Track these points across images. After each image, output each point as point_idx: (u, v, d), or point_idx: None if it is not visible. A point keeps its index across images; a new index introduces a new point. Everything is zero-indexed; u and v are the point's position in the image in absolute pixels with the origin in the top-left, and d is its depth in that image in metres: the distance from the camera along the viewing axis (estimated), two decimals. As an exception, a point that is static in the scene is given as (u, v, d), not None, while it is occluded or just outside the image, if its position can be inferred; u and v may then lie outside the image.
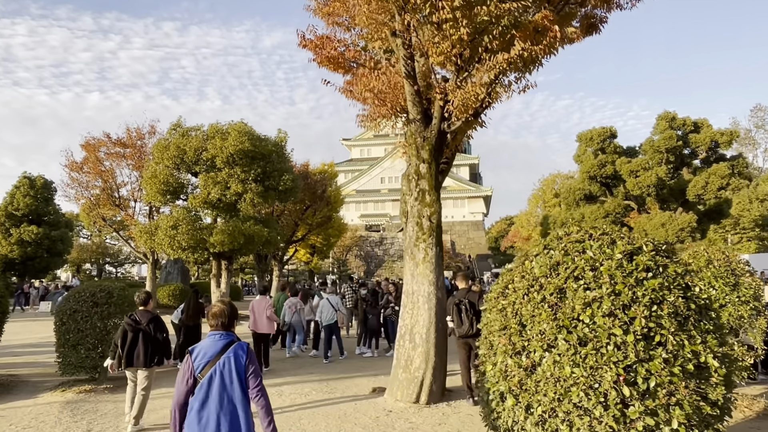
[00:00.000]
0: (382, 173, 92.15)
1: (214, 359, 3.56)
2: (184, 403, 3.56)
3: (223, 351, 3.60)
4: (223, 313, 3.77)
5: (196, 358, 3.61)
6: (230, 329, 3.79)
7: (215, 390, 3.50)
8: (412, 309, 7.87)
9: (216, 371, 3.53)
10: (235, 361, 3.58)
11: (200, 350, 3.65)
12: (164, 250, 23.34)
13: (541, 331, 3.73)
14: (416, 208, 7.95)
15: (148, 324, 7.03)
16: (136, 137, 27.13)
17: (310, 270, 43.29)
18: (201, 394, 3.50)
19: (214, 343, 3.66)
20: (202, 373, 3.54)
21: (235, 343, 3.69)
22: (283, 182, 23.61)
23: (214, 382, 3.51)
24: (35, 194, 42.04)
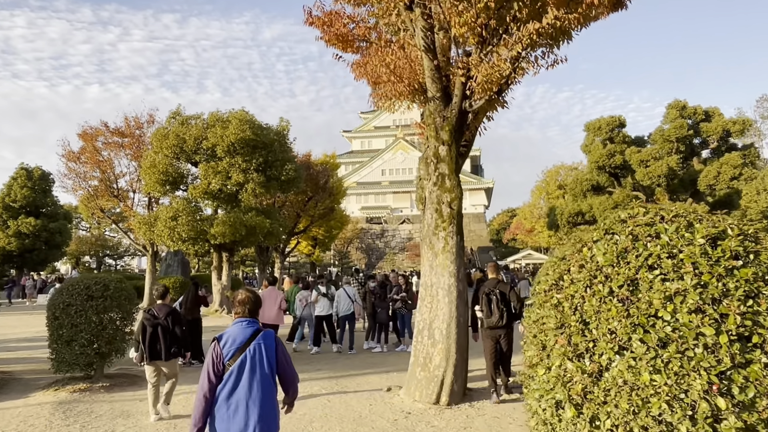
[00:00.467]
0: (382, 165, 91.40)
1: (243, 346, 3.50)
2: (211, 390, 3.45)
3: (253, 338, 3.54)
4: (250, 300, 3.71)
5: (225, 345, 3.52)
6: (255, 317, 3.72)
7: (245, 377, 3.43)
8: (431, 303, 7.30)
9: (246, 358, 3.46)
10: (266, 348, 3.54)
11: (228, 337, 3.56)
12: (164, 242, 22.77)
13: (611, 330, 3.14)
14: (435, 194, 7.36)
15: (165, 318, 7.00)
16: (135, 126, 26.46)
17: (311, 262, 42.76)
18: (231, 382, 3.42)
19: (243, 330, 3.58)
20: (232, 360, 3.46)
21: (262, 330, 3.63)
22: (285, 172, 23.01)
23: (245, 369, 3.44)
24: (33, 186, 41.42)
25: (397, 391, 7.87)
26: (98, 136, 26.37)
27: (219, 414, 3.40)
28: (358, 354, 12.04)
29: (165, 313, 7.05)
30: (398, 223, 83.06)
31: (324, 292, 12.21)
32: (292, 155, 24.44)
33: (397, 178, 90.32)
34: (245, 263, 54.46)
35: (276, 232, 24.44)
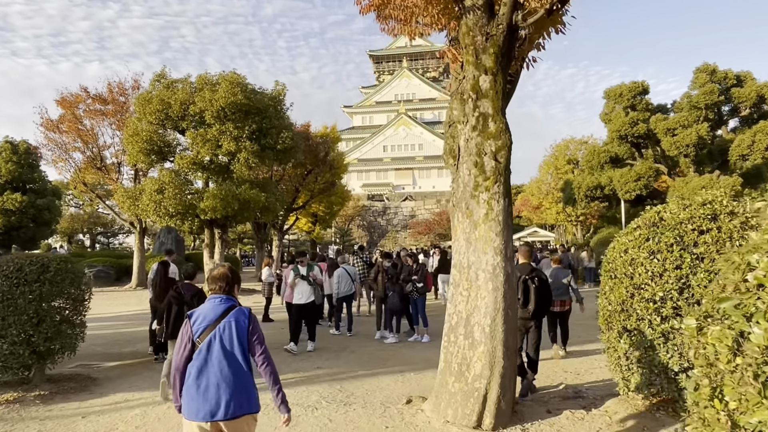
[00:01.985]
0: (384, 141, 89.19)
1: (213, 323, 3.30)
2: (183, 369, 3.29)
3: (224, 315, 3.33)
4: (224, 276, 3.47)
5: (195, 321, 3.34)
6: (231, 294, 3.48)
7: (215, 356, 3.23)
8: (468, 290, 5.39)
9: (215, 336, 3.27)
10: (237, 325, 3.31)
11: (199, 314, 3.37)
12: (149, 217, 20.85)
13: None
14: (474, 141, 5.38)
15: (191, 298, 6.88)
16: (118, 92, 24.34)
17: (312, 240, 40.93)
18: (199, 360, 3.24)
19: (215, 307, 3.38)
20: (201, 337, 3.28)
21: (236, 307, 3.41)
22: (281, 140, 20.96)
23: (213, 348, 3.25)
24: (18, 160, 39.25)
25: (420, 404, 6.02)
26: (79, 103, 24.28)
27: (189, 393, 3.22)
28: (366, 345, 10.22)
29: (192, 293, 6.98)
30: (400, 201, 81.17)
31: (303, 274, 9.57)
32: (289, 123, 22.35)
33: (399, 154, 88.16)
34: (243, 241, 52.68)
35: (273, 207, 22.49)
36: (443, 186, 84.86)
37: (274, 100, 21.32)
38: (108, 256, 34.55)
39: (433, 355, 8.99)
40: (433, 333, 10.76)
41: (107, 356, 9.67)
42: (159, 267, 9.67)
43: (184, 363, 3.29)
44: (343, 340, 10.78)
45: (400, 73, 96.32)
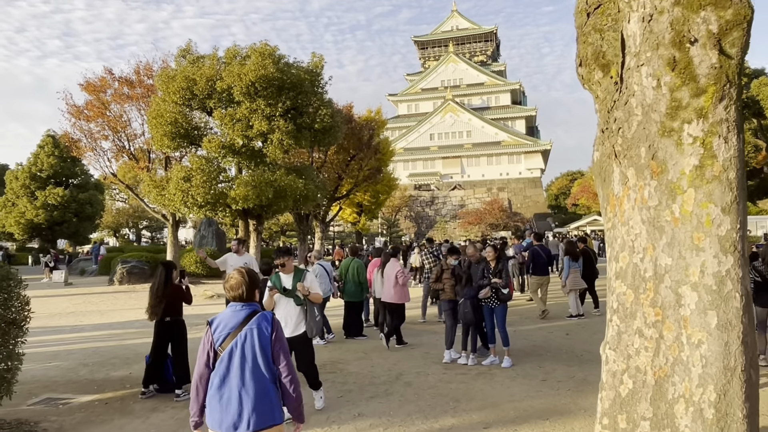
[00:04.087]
0: (431, 129, 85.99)
1: (235, 331, 3.12)
2: (204, 378, 3.11)
3: (245, 322, 3.15)
4: (240, 284, 3.24)
5: (216, 329, 3.15)
6: (251, 299, 3.27)
7: (236, 365, 3.06)
8: (657, 324, 2.63)
9: (237, 344, 3.09)
10: (259, 333, 3.12)
11: (220, 321, 3.19)
12: (176, 208, 18.84)
13: None
14: (668, 19, 2.59)
15: None
16: (146, 74, 22.47)
17: (357, 231, 38.57)
18: (221, 370, 3.07)
19: (235, 314, 3.20)
20: (222, 346, 3.10)
21: (258, 313, 3.21)
22: (319, 119, 18.51)
23: (235, 357, 3.07)
24: (60, 154, 38.58)
25: None
26: (106, 88, 22.56)
27: (212, 403, 3.06)
28: (424, 370, 7.57)
29: None
30: (449, 190, 77.92)
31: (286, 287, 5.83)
32: (328, 99, 19.84)
33: (446, 142, 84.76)
34: (285, 233, 50.92)
35: (312, 195, 20.13)
36: (493, 174, 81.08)
37: (310, 73, 18.86)
38: (145, 251, 33.23)
39: (523, 392, 6.28)
40: (514, 353, 8.01)
41: (87, 385, 7.41)
42: (161, 270, 7.12)
43: (206, 372, 3.12)
44: (394, 363, 8.17)
45: (446, 58, 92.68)
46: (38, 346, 10.27)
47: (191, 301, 7.21)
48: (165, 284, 6.88)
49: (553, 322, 11.11)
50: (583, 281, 12.08)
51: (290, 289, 5.73)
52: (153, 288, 6.93)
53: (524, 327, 10.59)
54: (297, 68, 18.59)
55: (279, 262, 5.79)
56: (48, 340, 10.83)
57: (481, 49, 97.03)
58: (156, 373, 6.86)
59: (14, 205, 37.37)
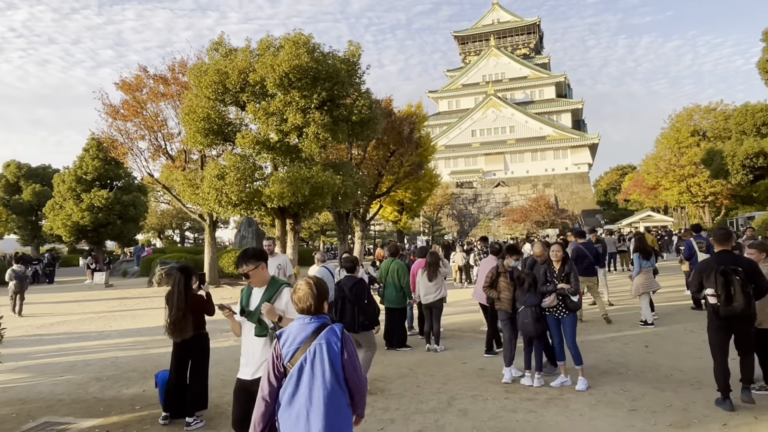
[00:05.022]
0: (472, 126, 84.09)
1: (304, 346, 2.99)
2: (272, 394, 3.01)
3: (314, 336, 3.00)
4: (308, 296, 3.08)
5: (284, 343, 3.04)
6: (320, 311, 3.11)
7: (305, 382, 2.94)
8: None
9: (306, 360, 2.95)
10: (328, 349, 2.96)
11: (288, 335, 3.07)
12: (210, 207, 18.13)
13: None
14: None
15: (350, 290, 6.71)
16: (180, 71, 21.95)
17: (399, 230, 37.41)
18: (291, 386, 2.96)
19: (304, 327, 3.05)
20: (292, 361, 2.98)
21: (327, 326, 3.05)
22: (356, 110, 17.45)
23: (305, 373, 2.94)
24: (104, 157, 38.92)
25: None
26: (141, 87, 22.17)
27: (283, 420, 2.97)
28: (482, 395, 6.36)
29: (350, 284, 6.78)
30: (492, 187, 75.81)
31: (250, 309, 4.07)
32: (366, 90, 18.74)
33: (488, 138, 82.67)
34: (326, 233, 50.22)
35: (351, 192, 19.09)
36: (538, 170, 78.53)
37: (346, 63, 17.80)
38: (185, 252, 33.09)
39: (610, 427, 4.97)
40: (588, 370, 6.70)
41: (93, 405, 6.52)
42: (178, 277, 5.88)
43: (274, 388, 3.02)
44: (443, 382, 6.96)
45: (487, 52, 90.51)
46: (58, 355, 9.59)
47: (214, 312, 6.12)
48: (186, 293, 5.82)
49: (624, 331, 9.65)
50: (657, 282, 10.66)
51: (252, 311, 3.95)
52: (171, 299, 5.78)
53: (592, 336, 9.18)
54: (333, 57, 17.57)
55: (243, 270, 3.93)
56: (70, 349, 10.14)
57: (523, 42, 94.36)
58: (179, 396, 5.79)
59: (62, 208, 37.95)
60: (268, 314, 3.81)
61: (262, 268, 3.94)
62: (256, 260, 3.93)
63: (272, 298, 3.89)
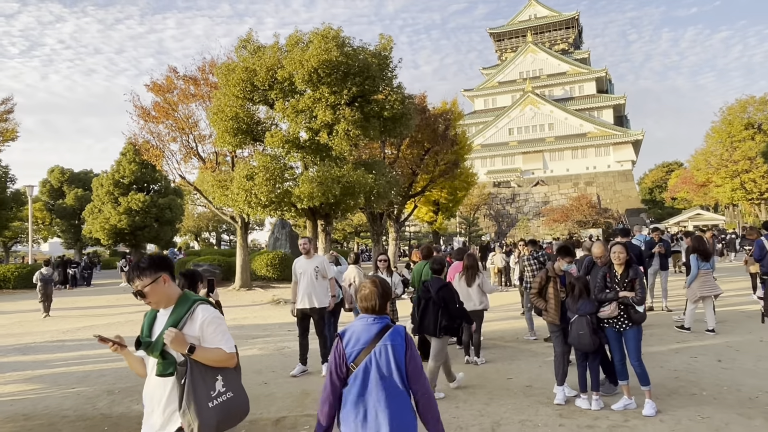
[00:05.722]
0: (509, 124, 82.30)
1: (368, 346, 2.92)
2: (335, 393, 2.93)
3: (378, 337, 2.93)
4: (372, 295, 3.01)
5: (348, 344, 2.95)
6: (383, 312, 3.04)
7: (372, 382, 2.87)
8: None
9: (371, 361, 2.88)
10: (393, 349, 2.90)
11: (351, 335, 2.97)
12: (240, 208, 17.69)
13: None
14: None
15: (436, 292, 6.39)
16: (211, 71, 21.65)
17: (434, 231, 36.47)
18: (356, 387, 2.89)
19: (368, 327, 2.97)
20: (356, 361, 2.91)
21: (391, 327, 2.98)
22: (388, 105, 16.70)
23: (370, 374, 2.87)
24: (141, 161, 39.36)
25: None
26: (172, 89, 22.00)
27: (347, 419, 2.89)
28: (532, 419, 5.47)
29: (437, 287, 6.46)
30: (530, 186, 73.83)
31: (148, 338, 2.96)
32: (398, 84, 17.96)
33: (526, 136, 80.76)
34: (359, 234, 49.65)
35: (384, 191, 18.37)
36: (578, 168, 76.21)
37: (377, 56, 17.09)
38: (218, 254, 33.02)
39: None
40: (653, 388, 5.73)
41: (98, 424, 5.95)
42: (182, 283, 4.88)
43: (337, 388, 2.95)
44: (485, 402, 6.11)
45: (524, 48, 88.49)
46: (76, 363, 9.15)
47: None
48: None
49: (688, 342, 8.56)
50: (719, 286, 9.56)
51: (153, 341, 2.83)
52: None
53: (652, 348, 8.12)
54: (363, 51, 16.89)
55: (136, 287, 2.83)
56: (89, 357, 9.70)
57: (561, 37, 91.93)
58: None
59: (100, 212, 38.56)
60: (174, 344, 2.69)
61: (163, 282, 2.84)
62: (153, 271, 2.84)
63: (181, 320, 2.80)
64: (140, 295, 2.82)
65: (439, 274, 6.79)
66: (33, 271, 24.34)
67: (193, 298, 2.92)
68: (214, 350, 2.79)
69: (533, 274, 9.40)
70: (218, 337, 2.82)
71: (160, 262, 2.87)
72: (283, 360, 8.63)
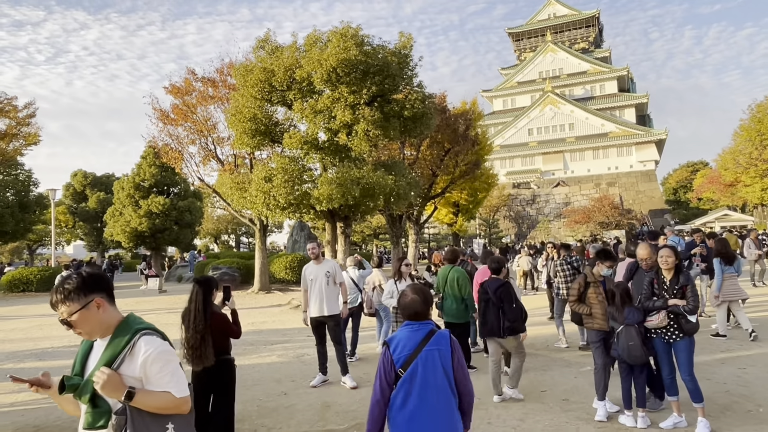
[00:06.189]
0: (529, 124, 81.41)
1: (414, 352, 3.02)
2: (384, 397, 3.04)
3: (425, 342, 3.03)
4: (415, 303, 3.11)
5: (395, 350, 3.05)
6: (427, 319, 3.15)
7: (419, 387, 2.98)
8: None
9: (419, 365, 2.99)
10: (439, 353, 3.02)
11: (399, 341, 3.08)
12: (258, 210, 17.46)
13: None
14: None
15: (494, 292, 6.32)
16: (229, 73, 21.51)
17: (454, 233, 35.96)
18: (404, 391, 3.00)
19: (413, 334, 3.08)
20: (404, 366, 3.01)
21: (435, 333, 3.08)
22: (408, 104, 16.32)
23: (417, 378, 2.98)
24: (161, 164, 39.52)
25: None
26: (191, 91, 21.91)
27: (396, 422, 3.00)
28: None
29: (495, 287, 6.39)
30: (551, 187, 72.75)
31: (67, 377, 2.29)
32: (418, 82, 17.57)
33: (546, 137, 79.78)
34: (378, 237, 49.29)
35: (404, 193, 17.99)
36: (600, 168, 75.03)
37: (397, 55, 16.72)
38: (237, 257, 32.95)
39: None
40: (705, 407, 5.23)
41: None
42: (196, 291, 4.81)
43: (386, 393, 3.05)
44: (520, 417, 5.69)
45: (543, 48, 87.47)
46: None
47: (240, 334, 5.07)
48: (205, 312, 4.79)
49: (734, 351, 8.02)
50: (744, 290, 9.09)
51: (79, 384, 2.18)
52: (188, 317, 4.73)
53: (697, 358, 7.55)
54: (383, 50, 16.54)
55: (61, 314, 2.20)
56: (105, 363, 9.47)
57: (582, 36, 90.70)
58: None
59: (121, 215, 38.76)
60: (106, 389, 2.09)
61: (97, 307, 2.22)
62: (83, 294, 2.21)
63: (117, 357, 2.17)
64: (66, 325, 2.19)
65: (497, 274, 6.65)
66: (55, 274, 24.49)
67: (135, 326, 2.26)
68: (159, 395, 2.14)
69: (566, 280, 8.91)
70: (166, 378, 2.17)
71: (92, 282, 2.25)
72: (302, 368, 8.29)
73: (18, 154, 31.19)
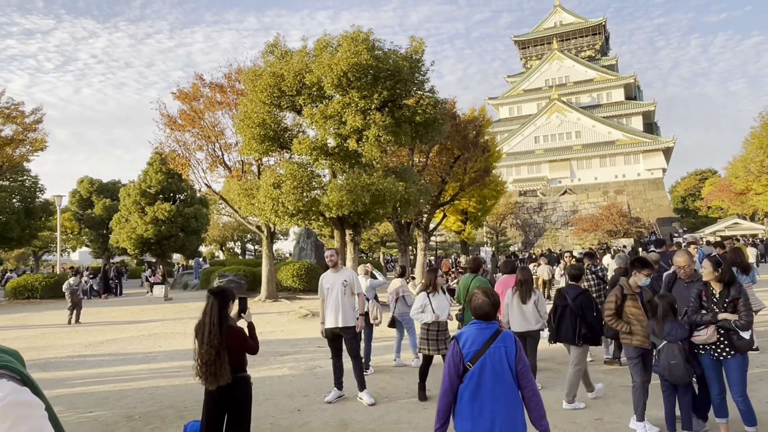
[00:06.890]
0: (535, 132, 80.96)
1: (483, 348, 3.27)
2: (453, 389, 3.30)
3: (492, 340, 3.29)
4: (486, 305, 3.38)
5: (464, 345, 3.32)
6: (494, 319, 3.41)
7: (487, 380, 3.23)
8: None
9: (487, 360, 3.25)
10: (506, 351, 3.27)
11: (467, 337, 3.35)
12: (266, 217, 17.16)
13: None
14: None
15: (573, 300, 6.37)
16: (237, 79, 21.31)
17: (462, 241, 35.57)
18: (472, 384, 3.25)
19: (481, 332, 3.35)
20: (472, 361, 3.27)
21: (501, 332, 3.35)
22: (420, 110, 16.02)
23: (486, 372, 3.24)
24: (167, 170, 39.38)
25: None
26: (199, 96, 21.71)
27: (463, 413, 3.27)
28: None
29: (574, 294, 6.45)
30: (558, 195, 72.30)
31: None
32: (430, 87, 17.28)
33: (552, 144, 79.27)
34: (386, 244, 48.90)
35: (414, 200, 17.65)
36: (607, 176, 74.44)
37: (409, 60, 16.43)
38: (243, 264, 32.65)
39: None
40: None
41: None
42: (211, 302, 4.39)
43: (454, 384, 3.29)
44: None
45: (549, 55, 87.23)
46: (96, 382, 8.58)
47: (257, 349, 4.68)
48: (220, 325, 4.42)
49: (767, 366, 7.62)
50: (761, 301, 8.69)
51: None
52: (202, 331, 4.35)
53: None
54: (394, 54, 16.27)
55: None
56: (110, 374, 9.15)
57: (588, 44, 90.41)
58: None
59: (127, 221, 38.63)
60: None
61: None
62: None
63: None
64: None
65: (576, 281, 6.71)
66: (60, 280, 24.20)
67: None
68: None
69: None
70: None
71: None
72: (315, 382, 7.93)
73: (24, 160, 31.01)
